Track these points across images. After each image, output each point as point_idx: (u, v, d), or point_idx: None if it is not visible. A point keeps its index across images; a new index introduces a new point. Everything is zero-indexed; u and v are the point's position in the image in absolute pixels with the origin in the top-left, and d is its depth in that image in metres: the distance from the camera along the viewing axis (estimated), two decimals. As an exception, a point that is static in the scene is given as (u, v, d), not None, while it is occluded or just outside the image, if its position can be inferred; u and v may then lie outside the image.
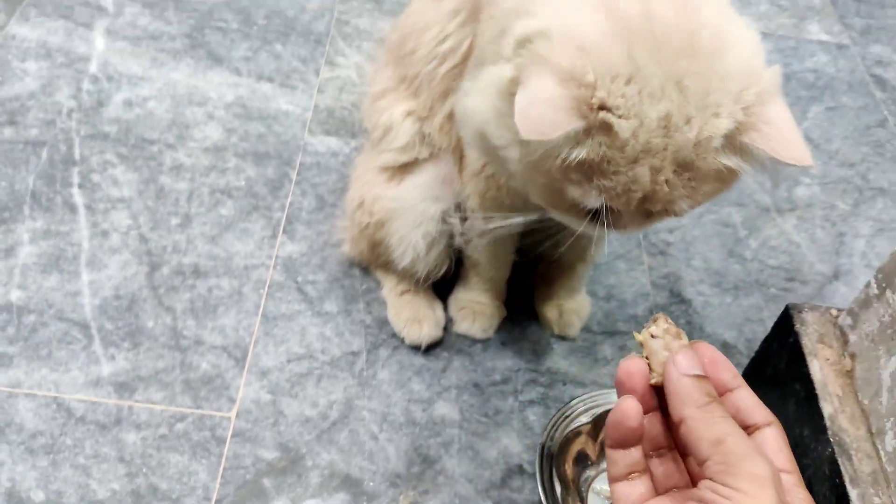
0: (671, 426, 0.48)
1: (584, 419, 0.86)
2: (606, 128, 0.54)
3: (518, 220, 0.74)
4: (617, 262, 1.09)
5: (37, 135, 1.13)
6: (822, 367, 0.83)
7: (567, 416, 0.86)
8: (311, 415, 0.89)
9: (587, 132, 0.54)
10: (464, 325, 0.98)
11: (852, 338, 0.83)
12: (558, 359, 0.99)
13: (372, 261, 0.99)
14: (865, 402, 0.79)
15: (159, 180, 1.10)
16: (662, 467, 0.48)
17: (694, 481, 0.48)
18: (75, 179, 1.08)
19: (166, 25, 1.33)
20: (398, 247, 0.90)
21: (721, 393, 0.47)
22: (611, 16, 0.55)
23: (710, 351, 0.49)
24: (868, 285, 0.80)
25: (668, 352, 0.48)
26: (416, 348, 0.97)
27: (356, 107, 1.24)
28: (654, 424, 0.48)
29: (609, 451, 0.47)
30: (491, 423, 0.92)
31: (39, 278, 0.97)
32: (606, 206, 0.59)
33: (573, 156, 0.54)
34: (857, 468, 0.77)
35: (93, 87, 1.21)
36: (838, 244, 1.18)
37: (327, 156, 1.17)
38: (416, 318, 0.97)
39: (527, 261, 0.98)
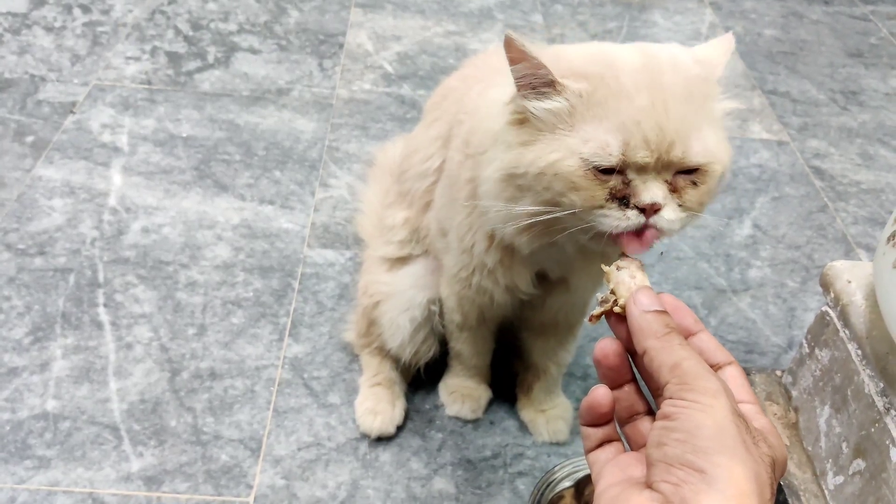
0: (637, 362, 0.52)
1: (567, 483, 0.96)
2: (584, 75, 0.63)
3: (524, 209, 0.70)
4: (591, 343, 1.21)
5: (64, 262, 1.27)
6: (771, 422, 0.93)
7: (550, 482, 0.96)
8: (321, 496, 0.99)
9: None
10: (454, 408, 1.09)
11: (794, 393, 0.94)
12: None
13: (367, 344, 1.09)
14: (809, 448, 0.90)
15: (176, 296, 1.23)
16: (636, 430, 0.53)
17: None
18: (100, 300, 1.21)
19: (176, 161, 1.49)
20: (388, 328, 1.02)
21: (685, 337, 0.50)
22: None
23: (671, 299, 0.53)
24: (801, 346, 0.92)
25: (632, 279, 0.53)
26: (367, 436, 1.05)
27: (349, 222, 1.38)
28: (629, 394, 0.53)
29: (583, 429, 0.53)
30: (484, 495, 1.01)
31: (72, 388, 1.08)
32: (626, 178, 0.63)
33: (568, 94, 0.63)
34: (804, 506, 0.87)
35: (113, 218, 1.36)
36: (790, 318, 1.31)
37: (325, 266, 1.31)
38: (374, 410, 1.06)
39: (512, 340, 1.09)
